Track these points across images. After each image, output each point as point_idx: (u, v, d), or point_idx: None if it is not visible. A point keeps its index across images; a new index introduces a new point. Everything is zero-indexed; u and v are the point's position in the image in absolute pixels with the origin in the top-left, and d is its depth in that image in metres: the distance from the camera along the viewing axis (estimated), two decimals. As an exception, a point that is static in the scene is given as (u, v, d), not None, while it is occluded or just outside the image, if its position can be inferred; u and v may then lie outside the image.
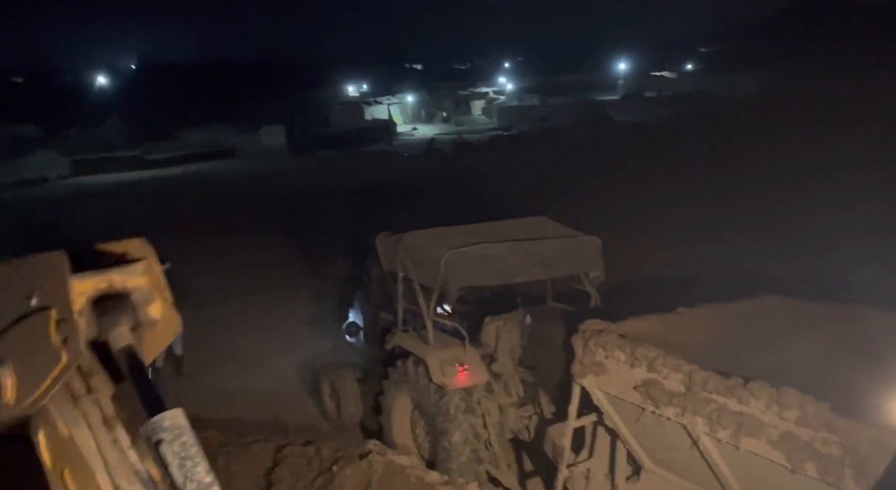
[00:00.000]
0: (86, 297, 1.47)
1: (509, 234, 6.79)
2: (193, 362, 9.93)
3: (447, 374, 6.28)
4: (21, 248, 6.12)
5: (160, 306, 1.55)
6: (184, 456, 1.33)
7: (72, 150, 32.78)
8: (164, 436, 1.31)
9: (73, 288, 1.44)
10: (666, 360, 4.25)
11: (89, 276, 1.48)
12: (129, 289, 1.51)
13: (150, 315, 1.53)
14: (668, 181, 20.50)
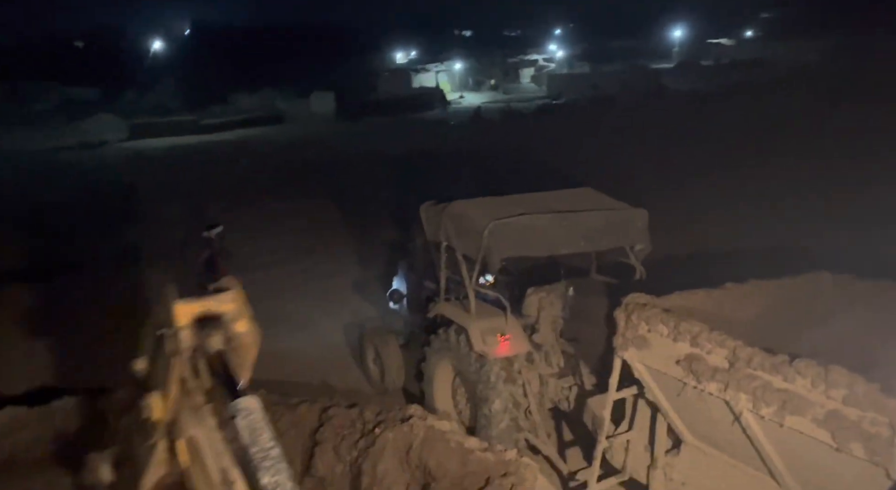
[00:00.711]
0: (189, 317, 2.19)
1: (554, 205, 6.73)
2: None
3: (488, 344, 6.33)
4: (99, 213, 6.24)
5: (245, 323, 2.25)
6: (252, 428, 1.92)
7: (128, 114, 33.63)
8: (238, 413, 1.96)
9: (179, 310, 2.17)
10: (710, 335, 4.20)
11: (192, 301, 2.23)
12: (221, 311, 2.24)
13: (238, 330, 2.23)
14: (721, 152, 19.91)
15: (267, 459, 1.88)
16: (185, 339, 2.22)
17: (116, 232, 15.35)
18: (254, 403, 1.99)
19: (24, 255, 13.62)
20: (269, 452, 1.89)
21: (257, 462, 1.87)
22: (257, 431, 1.93)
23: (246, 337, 2.30)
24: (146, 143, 30.42)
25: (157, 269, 13.05)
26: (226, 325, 2.27)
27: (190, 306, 2.25)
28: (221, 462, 2.10)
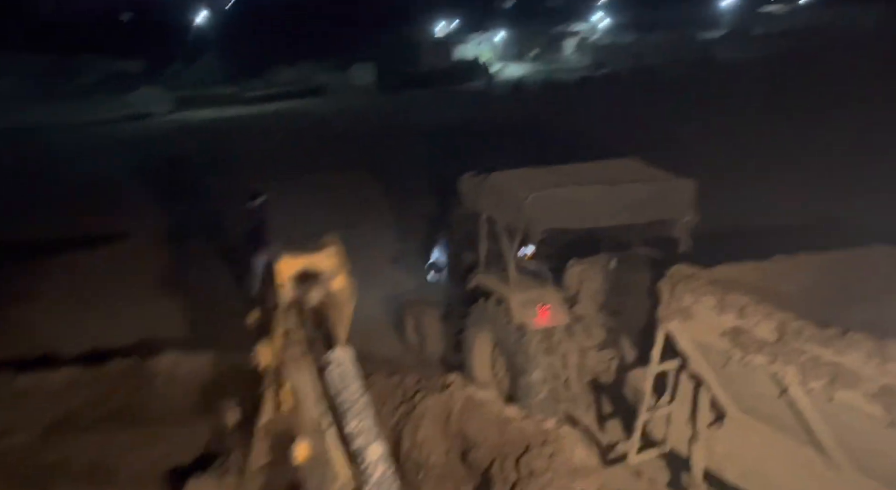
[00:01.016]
0: (292, 272, 2.43)
1: (597, 176, 6.62)
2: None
3: (528, 315, 6.31)
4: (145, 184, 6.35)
5: (342, 280, 2.51)
6: (342, 377, 2.10)
7: (173, 86, 34.14)
8: (330, 364, 2.13)
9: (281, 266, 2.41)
10: (757, 307, 4.11)
11: (295, 257, 2.44)
12: (322, 268, 2.45)
13: (335, 286, 2.46)
14: (772, 124, 19.24)
15: (354, 407, 2.05)
16: (287, 293, 2.46)
17: (162, 203, 15.69)
18: (346, 355, 2.18)
19: (74, 224, 14.04)
20: (358, 400, 2.07)
21: (345, 409, 2.04)
22: (347, 381, 2.11)
23: (342, 293, 2.54)
24: (190, 115, 30.88)
25: (201, 240, 13.36)
26: (325, 281, 2.48)
27: (292, 262, 2.47)
28: (317, 408, 2.33)
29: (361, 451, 1.97)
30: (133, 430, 6.06)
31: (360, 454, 1.96)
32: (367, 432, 2.01)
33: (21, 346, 8.57)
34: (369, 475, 1.93)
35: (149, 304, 10.25)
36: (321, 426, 2.24)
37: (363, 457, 1.95)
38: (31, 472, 5.56)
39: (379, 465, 1.95)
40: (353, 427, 2.02)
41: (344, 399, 2.08)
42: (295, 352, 2.57)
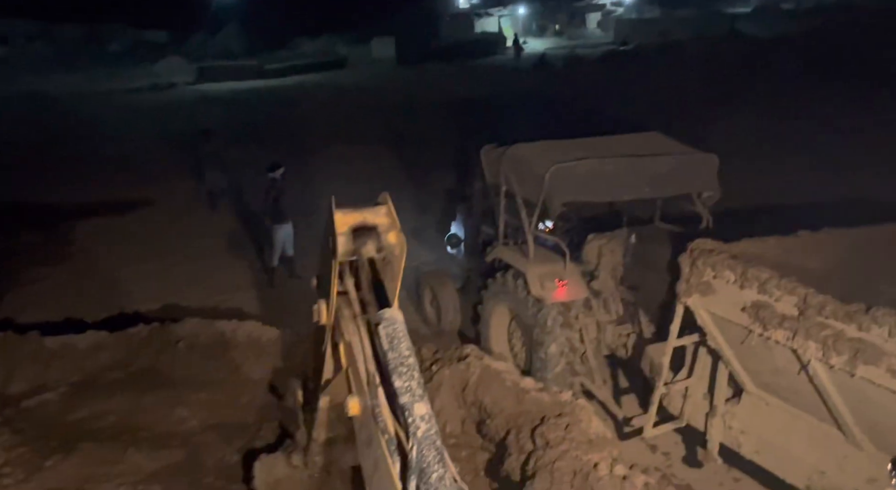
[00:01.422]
0: (347, 226, 2.48)
1: (619, 149, 6.54)
2: (303, 265, 10.48)
3: (546, 288, 6.30)
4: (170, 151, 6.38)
5: (395, 234, 2.52)
6: (392, 336, 2.13)
7: (196, 57, 34.23)
8: (383, 322, 2.16)
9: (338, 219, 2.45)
10: (780, 282, 4.06)
11: (349, 212, 2.49)
12: (376, 223, 2.49)
13: (389, 241, 2.50)
14: (799, 100, 18.84)
15: (402, 366, 2.07)
16: (343, 244, 2.50)
17: (186, 172, 15.82)
18: (397, 315, 2.20)
19: (100, 190, 14.22)
20: (405, 360, 2.09)
21: (393, 367, 2.07)
22: (397, 340, 2.12)
23: (396, 247, 2.57)
24: (211, 86, 30.94)
25: (224, 208, 13.48)
26: (379, 235, 2.52)
27: (348, 216, 2.53)
28: (369, 365, 2.35)
29: (407, 407, 2.02)
30: (155, 393, 6.18)
31: (405, 411, 2.02)
32: (413, 391, 2.06)
33: (48, 309, 8.76)
34: (414, 431, 1.97)
35: (173, 270, 10.40)
36: (371, 383, 2.30)
37: (409, 413, 2.01)
38: (59, 429, 5.69)
39: (423, 423, 1.99)
40: (400, 385, 2.08)
41: (392, 358, 2.13)
42: (352, 310, 2.66)
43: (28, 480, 5.16)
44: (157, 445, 5.71)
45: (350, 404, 2.41)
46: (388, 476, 2.02)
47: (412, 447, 1.94)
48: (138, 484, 5.27)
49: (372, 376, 2.32)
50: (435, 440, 1.96)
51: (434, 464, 1.91)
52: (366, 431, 2.32)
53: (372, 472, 2.24)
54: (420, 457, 1.92)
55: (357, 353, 2.49)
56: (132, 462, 5.46)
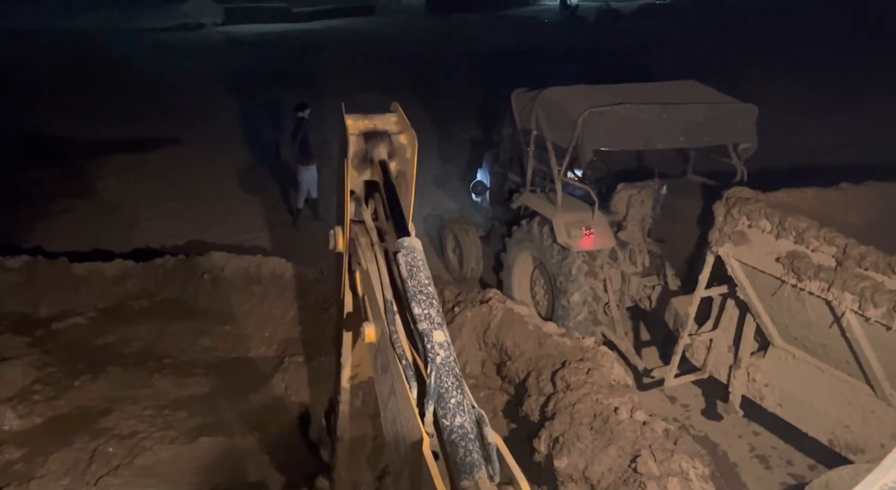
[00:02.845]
0: (358, 130, 2.60)
1: (654, 96, 6.34)
2: (327, 207, 10.47)
3: (572, 236, 6.22)
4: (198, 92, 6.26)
5: (406, 136, 2.62)
6: (411, 265, 2.10)
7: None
8: (402, 250, 2.13)
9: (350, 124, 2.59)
10: (818, 231, 3.95)
11: (361, 117, 2.63)
12: (386, 128, 2.62)
13: (401, 141, 2.60)
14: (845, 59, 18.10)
15: (421, 294, 2.04)
16: (354, 143, 2.56)
17: (212, 112, 15.77)
18: (416, 244, 2.17)
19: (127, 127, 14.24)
20: (424, 288, 2.06)
21: (412, 295, 2.04)
22: (416, 269, 2.09)
23: (407, 148, 2.61)
24: (240, 28, 30.53)
25: (249, 149, 13.46)
26: (390, 138, 2.59)
27: (359, 122, 2.61)
28: (386, 293, 2.34)
29: (426, 334, 1.97)
30: (181, 322, 6.28)
31: (423, 337, 1.97)
32: (432, 318, 2.01)
33: (75, 240, 8.87)
34: (433, 358, 1.92)
35: (197, 208, 10.46)
36: (389, 309, 2.27)
37: (427, 340, 1.96)
38: (87, 352, 5.82)
39: (442, 350, 1.94)
40: (418, 312, 2.03)
41: (411, 286, 2.08)
42: (366, 239, 2.66)
43: (58, 398, 5.30)
44: (181, 373, 5.82)
45: (366, 331, 2.39)
46: (405, 400, 2.00)
47: (430, 373, 1.90)
48: (164, 408, 5.39)
49: (389, 303, 2.29)
50: (453, 367, 1.92)
51: (452, 390, 1.88)
52: (382, 358, 2.30)
53: (387, 397, 2.23)
54: (438, 383, 1.88)
55: (374, 281, 2.47)
56: (157, 386, 5.59)
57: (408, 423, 1.98)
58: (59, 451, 4.82)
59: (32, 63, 20.34)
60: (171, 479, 4.71)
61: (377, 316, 2.38)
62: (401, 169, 2.67)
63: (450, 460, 1.81)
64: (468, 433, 1.81)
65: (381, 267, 2.48)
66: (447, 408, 1.85)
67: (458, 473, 1.74)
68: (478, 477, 1.71)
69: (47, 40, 24.58)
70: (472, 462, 1.74)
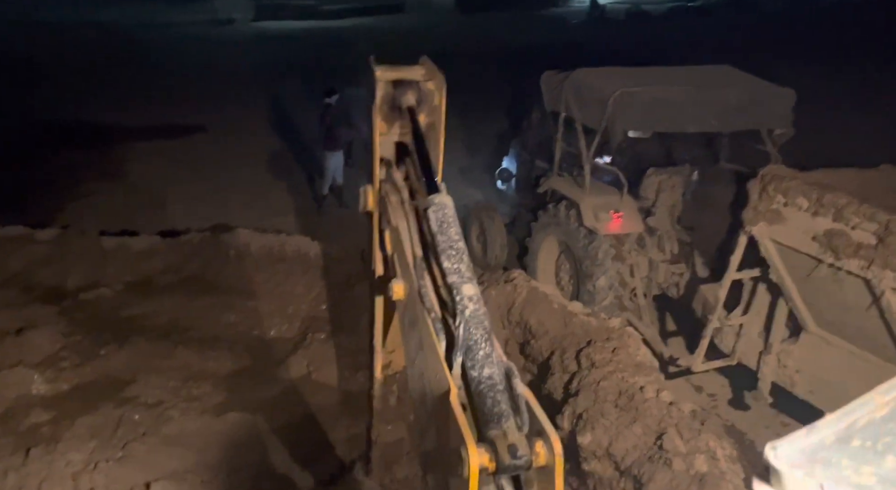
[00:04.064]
0: (386, 78, 2.63)
1: (688, 78, 6.25)
2: (353, 194, 10.48)
3: (600, 220, 6.14)
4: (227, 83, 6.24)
5: (434, 82, 2.65)
6: (441, 221, 2.07)
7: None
8: (432, 207, 2.12)
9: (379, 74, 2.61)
10: (859, 208, 3.83)
11: (389, 68, 2.65)
12: (414, 77, 2.64)
13: (429, 88, 2.63)
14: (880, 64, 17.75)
15: (451, 249, 2.02)
16: (382, 88, 2.60)
17: (241, 102, 15.92)
18: (447, 200, 2.15)
19: (157, 115, 14.44)
20: (455, 244, 2.03)
21: (442, 249, 2.03)
22: (446, 224, 2.07)
23: (435, 94, 2.63)
24: (269, 24, 30.90)
25: (276, 137, 13.55)
26: (419, 85, 2.62)
27: (388, 72, 2.63)
28: (416, 248, 2.33)
29: (455, 287, 1.93)
30: (206, 298, 6.31)
31: (453, 290, 1.93)
32: (461, 272, 1.97)
33: (103, 219, 8.98)
34: (462, 310, 1.88)
35: (222, 193, 10.53)
36: (418, 265, 2.25)
37: (457, 293, 1.92)
38: (113, 323, 5.87)
39: (471, 303, 1.89)
40: (448, 266, 2.00)
41: (441, 241, 2.06)
42: (396, 197, 2.64)
43: (84, 366, 5.35)
44: (205, 346, 5.84)
45: (395, 288, 2.36)
46: (433, 353, 1.95)
47: (459, 325, 1.86)
48: (188, 380, 5.42)
49: (418, 258, 2.27)
50: (483, 320, 1.87)
51: (481, 342, 1.83)
52: (410, 313, 2.28)
53: (415, 352, 2.20)
54: (467, 335, 1.84)
55: (404, 238, 2.44)
56: (182, 359, 5.61)
57: (435, 376, 1.94)
58: (86, 415, 4.86)
59: (66, 54, 20.76)
60: (198, 450, 4.71)
61: (406, 272, 2.35)
62: (430, 120, 2.66)
63: (477, 411, 1.76)
64: (496, 384, 1.75)
65: (412, 224, 2.45)
66: (475, 360, 1.81)
67: (485, 423, 1.68)
68: (506, 427, 1.65)
69: (80, 33, 25.09)
70: (500, 412, 1.69)
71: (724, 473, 3.74)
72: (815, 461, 0.70)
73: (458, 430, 1.64)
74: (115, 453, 4.60)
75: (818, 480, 0.69)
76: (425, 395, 2.07)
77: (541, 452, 1.59)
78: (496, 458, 1.56)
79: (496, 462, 1.56)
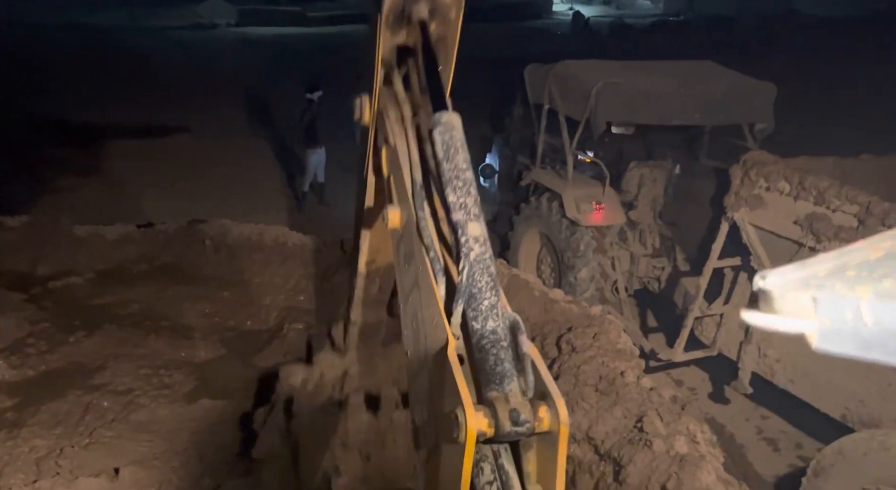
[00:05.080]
0: None
1: (671, 73, 6.26)
2: (333, 192, 10.39)
3: (582, 211, 6.11)
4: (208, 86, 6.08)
5: None
6: (448, 145, 1.82)
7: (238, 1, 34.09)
8: (438, 127, 1.85)
9: None
10: (840, 190, 3.82)
11: None
12: None
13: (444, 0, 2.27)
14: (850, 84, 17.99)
15: (458, 179, 1.77)
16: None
17: (223, 105, 15.81)
18: (455, 121, 1.88)
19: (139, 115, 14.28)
20: (462, 173, 1.79)
21: (448, 179, 1.77)
22: (453, 150, 1.81)
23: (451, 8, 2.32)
24: (254, 29, 30.81)
25: (257, 138, 13.44)
26: None
27: None
28: (415, 173, 2.05)
29: (460, 225, 1.72)
30: (180, 287, 6.16)
31: (458, 229, 1.72)
32: (468, 208, 1.75)
33: (79, 214, 8.78)
34: (466, 252, 1.67)
35: (202, 191, 10.40)
36: (417, 193, 2.01)
37: (461, 232, 1.71)
38: (83, 311, 5.71)
39: (477, 245, 1.69)
40: (454, 200, 1.76)
41: (447, 169, 1.81)
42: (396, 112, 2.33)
43: (51, 352, 5.19)
44: (179, 336, 5.69)
45: (390, 215, 2.11)
46: (430, 295, 1.76)
47: (462, 269, 1.65)
48: (160, 368, 5.27)
49: (418, 185, 2.02)
50: (489, 265, 1.67)
51: (486, 290, 1.64)
52: (406, 246, 2.05)
53: (409, 289, 1.98)
54: (470, 281, 1.63)
55: (403, 160, 2.17)
56: (153, 347, 5.46)
57: (432, 322, 1.75)
58: (52, 402, 4.70)
59: (53, 55, 20.56)
60: (166, 437, 4.57)
61: (403, 199, 2.10)
62: (441, 32, 2.36)
63: (477, 368, 1.59)
64: (500, 340, 1.58)
65: (412, 144, 2.18)
66: (479, 310, 1.61)
67: (486, 383, 1.53)
68: (508, 389, 1.49)
69: (67, 35, 24.89)
70: (502, 372, 1.52)
71: (704, 456, 3.68)
72: (808, 286, 0.64)
73: (455, 390, 1.49)
74: (81, 440, 4.44)
75: (810, 295, 0.62)
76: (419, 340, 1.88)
77: (544, 418, 1.45)
78: (496, 424, 1.42)
79: (495, 428, 1.42)
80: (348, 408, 3.55)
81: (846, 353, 0.67)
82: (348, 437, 3.50)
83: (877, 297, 0.63)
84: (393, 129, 2.30)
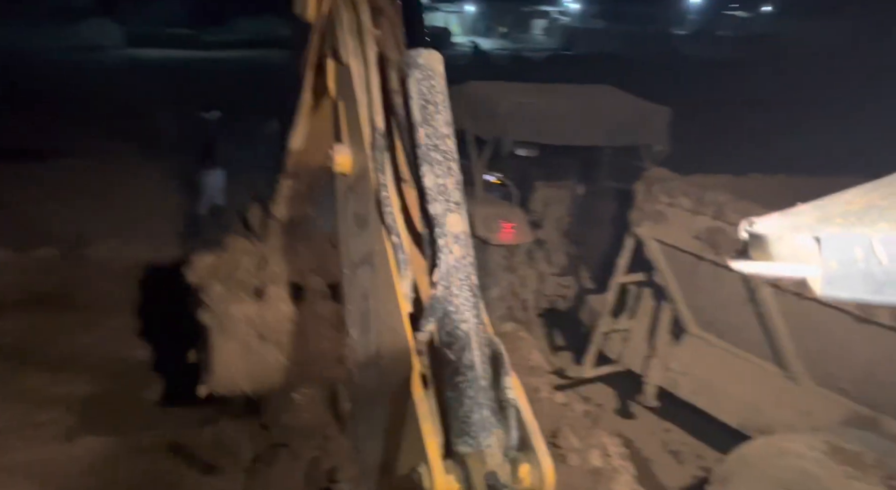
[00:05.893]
0: None
1: (575, 96, 6.45)
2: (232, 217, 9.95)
3: (492, 229, 6.11)
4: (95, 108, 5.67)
5: None
6: (427, 99, 1.38)
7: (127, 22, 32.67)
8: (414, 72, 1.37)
9: None
10: (736, 204, 4.00)
11: None
12: None
13: None
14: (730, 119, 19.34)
15: (436, 151, 1.38)
16: None
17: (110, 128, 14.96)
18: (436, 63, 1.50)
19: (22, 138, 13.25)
20: (442, 142, 1.38)
21: (423, 152, 1.37)
22: (432, 107, 1.40)
23: None
24: (144, 52, 29.58)
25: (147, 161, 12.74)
26: None
27: None
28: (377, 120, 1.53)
29: (437, 218, 1.38)
30: (61, 316, 5.65)
31: (434, 221, 1.38)
32: (449, 194, 1.38)
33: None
34: (443, 255, 1.33)
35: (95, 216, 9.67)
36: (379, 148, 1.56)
37: (438, 226, 1.37)
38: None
39: (457, 245, 1.37)
40: (430, 183, 1.37)
41: (423, 135, 1.40)
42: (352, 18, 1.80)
43: None
44: (57, 369, 5.20)
45: (338, 157, 1.65)
46: (389, 288, 1.39)
47: (438, 278, 1.32)
48: (35, 405, 4.77)
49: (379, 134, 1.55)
50: (470, 274, 1.34)
51: (466, 309, 1.31)
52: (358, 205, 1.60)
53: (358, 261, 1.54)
54: (446, 294, 1.30)
55: (358, 90, 1.68)
56: (28, 383, 4.95)
57: (389, 324, 1.41)
58: None
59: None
60: (42, 479, 4.11)
61: (357, 143, 1.67)
62: None
63: (449, 410, 1.29)
64: (479, 378, 1.29)
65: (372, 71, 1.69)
66: (455, 335, 1.32)
67: (458, 433, 1.25)
68: (485, 444, 1.23)
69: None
70: (480, 422, 1.26)
71: (617, 469, 3.70)
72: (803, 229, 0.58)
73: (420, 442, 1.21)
74: (-61, 488, 3.92)
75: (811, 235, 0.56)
76: (369, 337, 1.50)
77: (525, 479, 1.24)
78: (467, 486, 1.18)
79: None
80: (267, 298, 3.22)
81: (855, 298, 0.61)
82: (267, 328, 3.19)
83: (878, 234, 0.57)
84: (345, 42, 1.80)
